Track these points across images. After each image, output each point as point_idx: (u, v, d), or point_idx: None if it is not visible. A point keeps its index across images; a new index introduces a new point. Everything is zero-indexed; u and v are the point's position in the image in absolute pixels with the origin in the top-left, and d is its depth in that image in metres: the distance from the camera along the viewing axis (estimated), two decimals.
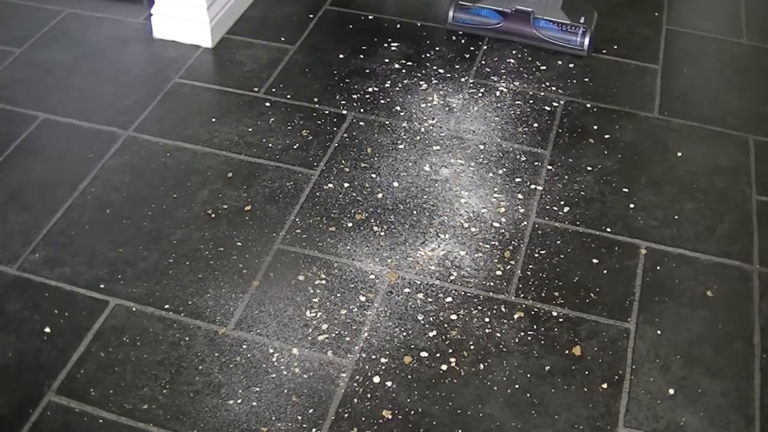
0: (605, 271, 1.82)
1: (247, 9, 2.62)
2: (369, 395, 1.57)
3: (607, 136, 2.17)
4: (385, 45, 2.48)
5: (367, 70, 2.38)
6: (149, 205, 1.95)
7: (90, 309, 1.71)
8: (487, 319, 1.71)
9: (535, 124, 2.20)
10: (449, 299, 1.75)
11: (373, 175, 2.04)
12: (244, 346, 1.65)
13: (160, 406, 1.54)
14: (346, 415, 1.53)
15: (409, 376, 1.60)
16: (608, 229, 1.91)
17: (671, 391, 1.59)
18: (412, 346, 1.65)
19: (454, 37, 2.53)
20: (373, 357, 1.63)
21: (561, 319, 1.71)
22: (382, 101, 2.27)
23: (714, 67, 2.45)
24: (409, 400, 1.56)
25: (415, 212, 1.94)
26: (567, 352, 1.65)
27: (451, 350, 1.65)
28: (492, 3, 2.50)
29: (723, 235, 1.91)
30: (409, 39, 2.51)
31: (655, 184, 2.04)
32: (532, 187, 2.02)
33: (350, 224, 1.91)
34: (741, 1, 2.73)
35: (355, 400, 1.56)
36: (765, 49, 2.52)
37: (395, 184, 2.02)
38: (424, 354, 1.64)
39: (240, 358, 1.63)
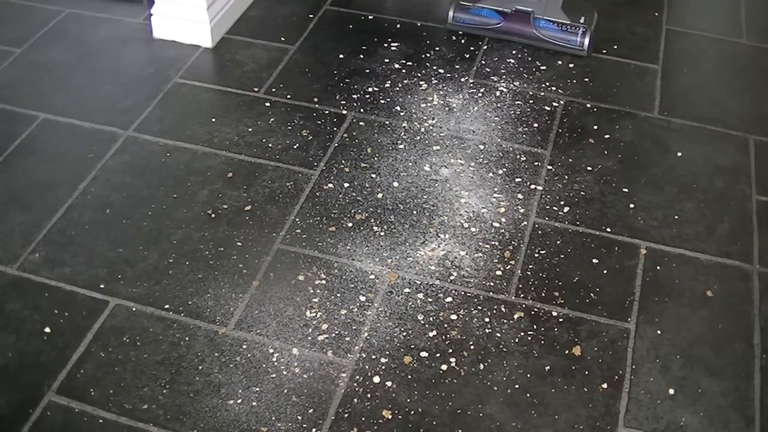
0: (605, 271, 1.82)
1: (247, 9, 2.63)
2: (369, 395, 1.57)
3: (607, 136, 2.17)
4: (385, 45, 2.48)
5: (367, 70, 2.38)
6: (149, 205, 1.95)
7: (90, 309, 1.71)
8: (487, 319, 1.71)
9: (535, 124, 2.20)
10: (449, 299, 1.75)
11: (373, 175, 2.04)
12: (244, 346, 1.65)
13: (160, 406, 1.54)
14: (346, 415, 1.53)
15: (409, 376, 1.60)
16: (608, 229, 1.91)
17: (671, 391, 1.59)
18: (412, 346, 1.65)
19: (454, 37, 2.53)
20: (373, 357, 1.63)
21: (561, 319, 1.71)
22: (382, 101, 2.27)
23: (714, 67, 2.45)
24: (409, 400, 1.56)
25: (415, 212, 1.94)
26: (567, 352, 1.65)
27: (451, 350, 1.65)
28: (492, 3, 2.50)
29: (723, 235, 1.91)
30: (409, 39, 2.51)
31: (655, 184, 2.04)
32: (532, 187, 2.02)
33: (350, 224, 1.91)
34: (741, 1, 2.73)
35: (355, 400, 1.56)
36: (765, 49, 2.52)
37: (395, 184, 2.02)
38: (424, 354, 1.64)
39: (240, 358, 1.63)
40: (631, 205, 1.98)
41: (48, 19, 2.57)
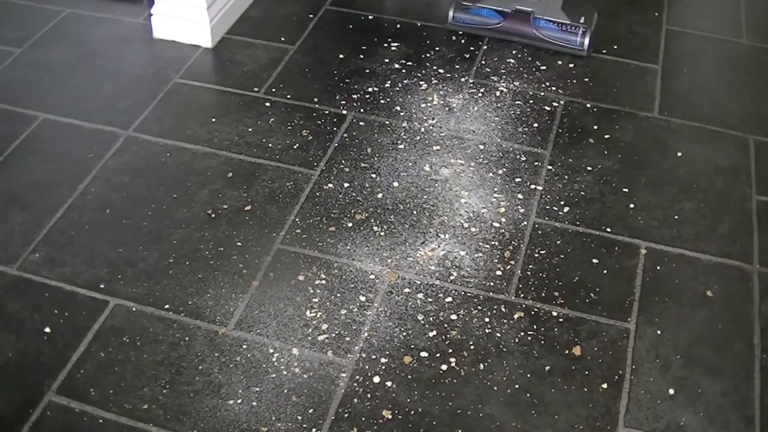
0: (605, 271, 1.82)
1: (247, 9, 2.62)
2: (369, 395, 1.57)
3: (607, 136, 2.17)
4: (385, 45, 2.48)
5: (367, 70, 2.38)
6: (149, 205, 1.95)
7: (90, 309, 1.71)
8: (487, 319, 1.71)
9: (535, 124, 2.20)
10: (449, 299, 1.75)
11: (373, 175, 2.04)
12: (244, 346, 1.65)
13: (160, 406, 1.54)
14: (346, 415, 1.53)
15: (409, 376, 1.60)
16: (608, 229, 1.91)
17: (671, 391, 1.59)
18: (412, 346, 1.65)
19: (454, 37, 2.53)
20: (373, 357, 1.63)
21: (561, 319, 1.71)
22: (382, 101, 2.27)
23: (714, 67, 2.45)
24: (409, 400, 1.56)
25: (415, 212, 1.94)
26: (567, 352, 1.65)
27: (451, 350, 1.65)
28: (492, 3, 2.50)
29: (723, 235, 1.91)
30: (409, 39, 2.51)
31: (655, 184, 2.04)
32: (532, 187, 2.02)
33: (350, 224, 1.91)
34: (741, 1, 2.73)
35: (355, 400, 1.56)
36: (765, 49, 2.52)
37: (395, 184, 2.02)
38: (424, 354, 1.64)
39: (240, 358, 1.63)
40: (631, 205, 1.98)
41: (48, 19, 2.57)
